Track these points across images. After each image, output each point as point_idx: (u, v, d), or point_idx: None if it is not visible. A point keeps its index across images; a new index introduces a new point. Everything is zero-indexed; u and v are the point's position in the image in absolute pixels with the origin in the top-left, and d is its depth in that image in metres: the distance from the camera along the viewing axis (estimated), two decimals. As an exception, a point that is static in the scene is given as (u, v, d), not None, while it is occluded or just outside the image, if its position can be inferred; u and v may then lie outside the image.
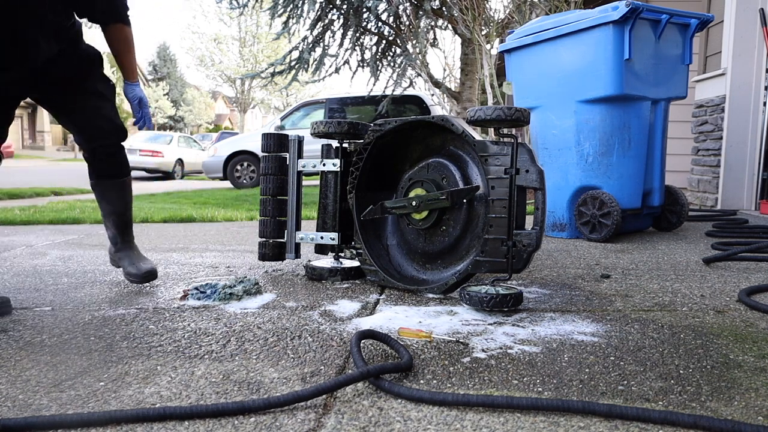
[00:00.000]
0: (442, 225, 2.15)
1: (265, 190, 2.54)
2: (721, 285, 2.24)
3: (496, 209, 1.92)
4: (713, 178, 5.26)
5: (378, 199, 2.28)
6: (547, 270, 2.56)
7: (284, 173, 2.55)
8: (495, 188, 1.92)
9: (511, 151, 1.89)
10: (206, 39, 34.12)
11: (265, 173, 2.54)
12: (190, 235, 3.91)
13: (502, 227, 1.91)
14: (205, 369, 1.39)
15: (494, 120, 1.89)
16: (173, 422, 1.10)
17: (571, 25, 3.35)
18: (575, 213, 3.48)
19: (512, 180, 1.89)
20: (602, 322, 1.75)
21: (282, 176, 2.55)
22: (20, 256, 3.04)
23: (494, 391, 1.24)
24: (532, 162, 1.88)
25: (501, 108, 1.88)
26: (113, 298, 2.11)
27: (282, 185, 2.55)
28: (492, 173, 1.93)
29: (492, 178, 1.93)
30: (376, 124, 2.26)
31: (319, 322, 1.78)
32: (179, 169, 16.47)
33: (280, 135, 2.56)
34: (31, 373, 1.37)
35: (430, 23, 8.25)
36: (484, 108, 1.91)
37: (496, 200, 1.92)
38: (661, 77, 3.43)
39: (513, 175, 1.89)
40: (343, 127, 2.36)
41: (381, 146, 2.29)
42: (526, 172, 1.88)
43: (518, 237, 1.89)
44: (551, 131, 3.58)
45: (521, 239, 1.88)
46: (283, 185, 2.55)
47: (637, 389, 1.25)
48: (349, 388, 1.26)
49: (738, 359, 1.42)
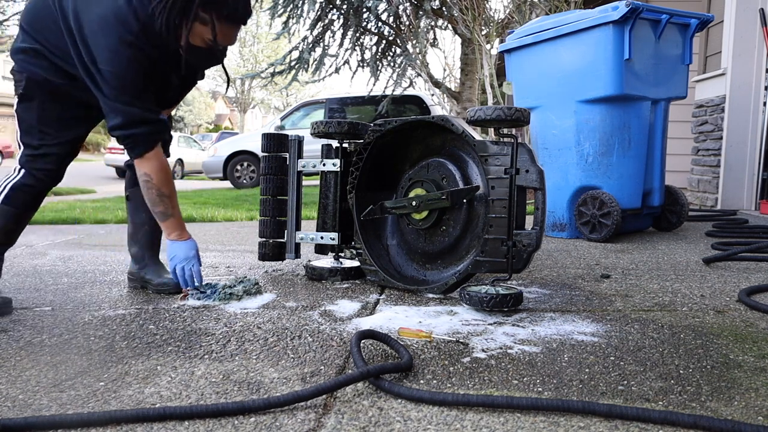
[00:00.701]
0: (442, 225, 2.15)
1: (265, 190, 2.54)
2: (721, 285, 2.24)
3: (496, 209, 1.92)
4: (713, 178, 5.26)
5: (378, 199, 2.28)
6: (547, 270, 2.56)
7: (284, 173, 2.55)
8: (495, 188, 1.92)
9: (511, 151, 1.89)
10: (206, 39, 34.02)
11: (265, 173, 2.53)
12: (190, 235, 3.91)
13: (502, 227, 1.90)
14: (205, 369, 1.39)
15: (494, 120, 1.89)
16: (173, 422, 1.10)
17: (571, 25, 3.36)
18: (575, 213, 3.48)
19: (512, 180, 1.89)
20: (602, 322, 1.75)
21: (282, 176, 2.54)
22: (20, 256, 3.04)
23: (494, 391, 1.24)
24: (533, 162, 1.88)
25: (501, 108, 1.88)
26: (113, 298, 2.11)
27: (282, 185, 2.55)
28: (492, 173, 1.93)
29: (492, 178, 1.93)
30: (376, 124, 2.25)
31: (319, 322, 1.78)
32: (179, 169, 16.47)
33: (280, 135, 2.56)
34: (31, 373, 1.37)
35: (430, 23, 8.25)
36: (484, 108, 1.91)
37: (496, 200, 1.92)
38: (661, 77, 3.43)
39: (513, 175, 1.89)
40: (343, 127, 2.36)
41: (381, 146, 2.29)
42: (526, 172, 1.87)
43: (518, 237, 1.88)
44: (551, 131, 3.58)
45: (521, 239, 1.88)
46: (283, 185, 2.55)
47: (637, 389, 1.25)
48: (349, 388, 1.26)
49: (738, 359, 1.42)
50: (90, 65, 1.80)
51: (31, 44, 1.89)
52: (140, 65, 1.82)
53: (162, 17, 1.77)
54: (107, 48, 1.77)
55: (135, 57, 1.80)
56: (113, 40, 1.77)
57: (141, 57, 1.82)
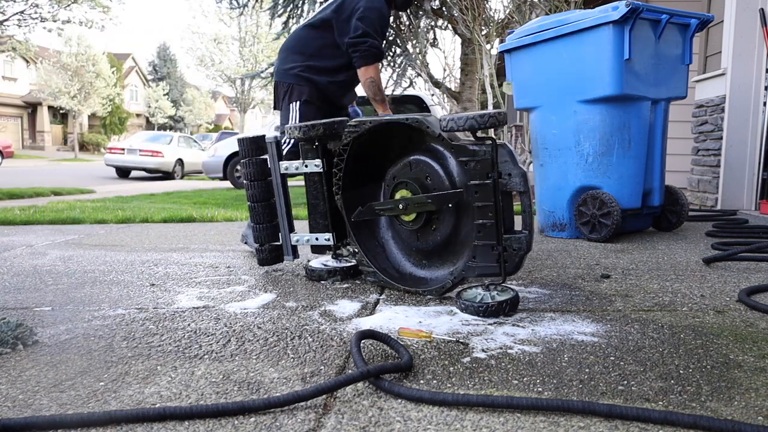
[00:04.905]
0: (433, 224, 2.10)
1: (252, 197, 2.49)
2: (721, 285, 2.24)
3: (483, 215, 1.87)
4: (713, 178, 5.26)
5: (366, 194, 2.24)
6: (547, 270, 2.56)
7: (267, 176, 2.48)
8: (478, 193, 1.87)
9: (490, 155, 1.84)
10: (206, 39, 34.08)
11: (248, 179, 2.47)
12: (190, 235, 3.91)
13: (490, 233, 1.87)
14: (205, 369, 1.39)
15: (467, 129, 1.84)
16: (173, 422, 1.10)
17: (571, 25, 3.35)
18: (575, 213, 3.48)
19: (495, 185, 1.84)
20: (602, 322, 1.75)
21: (266, 180, 2.48)
22: (20, 256, 3.04)
23: (494, 391, 1.24)
24: (514, 164, 1.83)
25: (473, 117, 1.81)
26: (113, 298, 2.11)
27: (268, 189, 2.49)
28: (473, 177, 1.88)
29: (474, 184, 1.88)
30: (351, 125, 2.19)
31: (319, 322, 1.78)
32: (179, 169, 16.46)
33: (257, 138, 2.49)
34: (31, 373, 1.37)
35: (430, 23, 8.25)
36: (455, 118, 1.85)
37: (481, 206, 1.87)
38: (661, 77, 3.43)
39: (496, 179, 1.84)
40: (318, 130, 2.26)
41: (360, 145, 2.23)
42: (508, 176, 1.83)
43: (508, 242, 1.86)
44: (551, 131, 3.58)
45: (511, 243, 1.85)
46: (269, 189, 2.49)
47: (637, 389, 1.25)
48: (349, 388, 1.26)
49: (738, 359, 1.43)
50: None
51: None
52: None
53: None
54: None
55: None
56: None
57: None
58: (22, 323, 1.66)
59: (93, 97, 31.57)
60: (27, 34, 18.29)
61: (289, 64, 2.93)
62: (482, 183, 1.86)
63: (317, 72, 2.88)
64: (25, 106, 34.78)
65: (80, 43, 31.32)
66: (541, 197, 3.73)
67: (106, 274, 2.55)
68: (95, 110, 32.57)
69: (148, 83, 44.34)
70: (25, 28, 17.19)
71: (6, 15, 16.68)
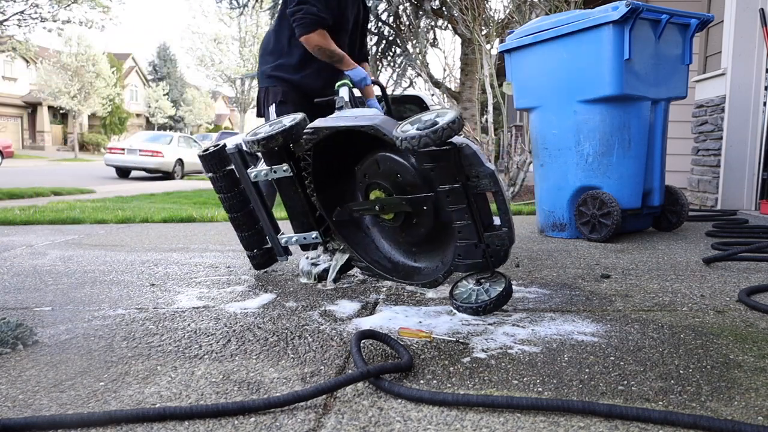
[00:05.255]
0: (414, 218, 2.05)
1: (230, 209, 2.47)
2: (721, 285, 2.24)
3: (459, 217, 1.84)
4: (713, 178, 5.26)
5: (342, 189, 2.21)
6: (547, 270, 2.56)
7: (238, 185, 2.45)
8: (450, 197, 1.83)
9: (453, 159, 1.78)
10: (206, 39, 34.10)
11: (220, 193, 2.45)
12: (190, 235, 3.91)
13: (470, 233, 1.85)
14: (205, 369, 1.39)
15: (422, 147, 1.76)
16: (173, 422, 1.10)
17: (571, 25, 3.35)
18: (575, 213, 3.48)
19: (465, 187, 1.81)
20: (602, 322, 1.75)
21: (238, 189, 2.45)
22: (20, 256, 3.04)
23: (494, 391, 1.24)
24: (480, 164, 1.78)
25: (426, 134, 1.73)
26: (113, 298, 2.11)
27: (242, 198, 2.45)
28: (442, 183, 1.83)
29: (444, 189, 1.83)
30: (308, 132, 2.12)
31: (319, 322, 1.78)
32: (179, 169, 16.46)
33: (218, 151, 2.43)
34: (31, 373, 1.37)
35: (430, 23, 8.26)
36: (409, 137, 1.76)
37: (456, 210, 1.84)
38: (661, 77, 3.43)
39: (464, 182, 1.80)
40: (278, 140, 2.16)
41: (325, 146, 2.17)
42: (476, 178, 1.80)
43: (490, 239, 1.84)
44: (551, 131, 3.58)
45: (493, 240, 1.84)
46: (243, 197, 2.45)
47: (637, 389, 1.25)
48: (349, 388, 1.26)
49: (738, 359, 1.43)
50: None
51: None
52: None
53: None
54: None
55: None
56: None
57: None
58: (22, 323, 1.66)
59: (93, 97, 31.56)
60: (27, 34, 18.29)
61: (263, 66, 2.85)
62: (452, 187, 1.81)
63: (287, 70, 2.77)
64: (25, 106, 34.77)
65: (80, 43, 31.31)
66: (541, 197, 3.73)
67: (106, 274, 2.55)
68: (95, 110, 32.57)
69: (148, 83, 44.35)
70: (25, 28, 17.18)
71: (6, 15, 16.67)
